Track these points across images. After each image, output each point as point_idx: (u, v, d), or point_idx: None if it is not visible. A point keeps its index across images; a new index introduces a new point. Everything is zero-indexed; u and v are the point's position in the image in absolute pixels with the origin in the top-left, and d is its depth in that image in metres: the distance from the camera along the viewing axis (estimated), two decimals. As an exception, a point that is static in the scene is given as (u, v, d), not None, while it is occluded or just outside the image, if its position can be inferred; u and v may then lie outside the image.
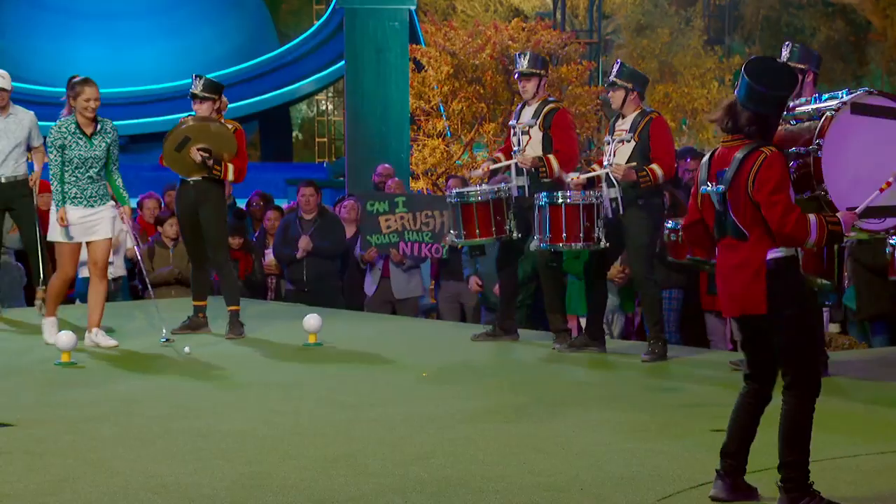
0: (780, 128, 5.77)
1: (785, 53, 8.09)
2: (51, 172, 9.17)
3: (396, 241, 11.36)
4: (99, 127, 9.03)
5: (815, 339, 5.20)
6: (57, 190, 9.08)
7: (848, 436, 6.28)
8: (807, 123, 5.98)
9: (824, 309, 9.35)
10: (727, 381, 7.71)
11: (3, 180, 10.13)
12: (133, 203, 11.33)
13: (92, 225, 9.05)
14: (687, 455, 5.95)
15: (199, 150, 9.27)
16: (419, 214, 11.34)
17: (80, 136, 8.95)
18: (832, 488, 5.18)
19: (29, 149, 10.31)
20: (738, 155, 5.06)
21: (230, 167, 9.40)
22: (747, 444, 5.21)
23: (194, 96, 9.45)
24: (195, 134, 9.32)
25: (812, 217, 5.05)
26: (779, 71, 5.18)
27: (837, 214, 5.22)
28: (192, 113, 9.53)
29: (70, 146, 8.94)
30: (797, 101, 6.41)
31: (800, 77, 7.85)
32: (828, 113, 5.92)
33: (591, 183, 8.96)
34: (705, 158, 5.28)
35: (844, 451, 5.91)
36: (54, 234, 9.07)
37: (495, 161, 9.47)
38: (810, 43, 25.31)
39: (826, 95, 6.21)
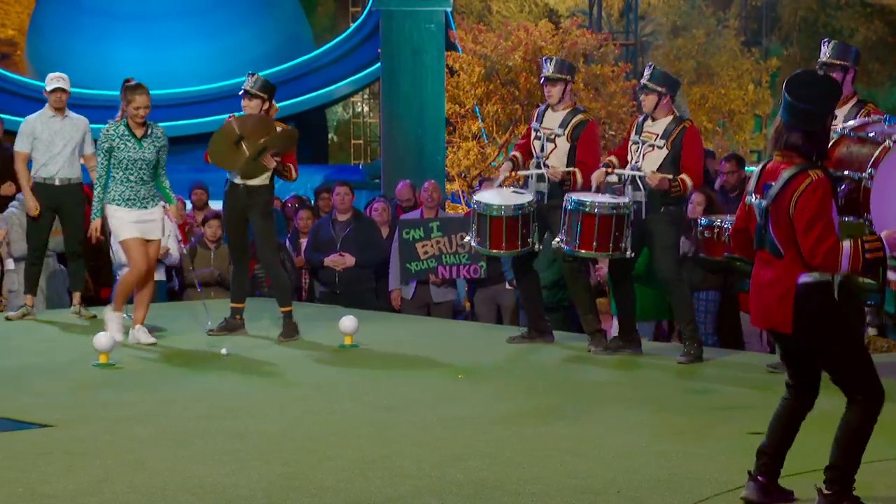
0: (844, 146, 5.72)
1: (825, 50, 8.01)
2: (95, 177, 9.23)
3: (435, 265, 11.46)
4: (149, 131, 9.13)
5: (860, 351, 5.13)
6: (98, 198, 9.17)
7: (887, 439, 6.23)
8: (867, 149, 5.89)
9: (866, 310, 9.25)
10: (764, 384, 7.69)
11: (56, 182, 10.20)
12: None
13: (152, 225, 9.19)
14: (723, 458, 5.93)
15: (272, 156, 9.30)
16: (454, 237, 11.41)
17: (130, 137, 9.05)
18: (870, 491, 5.16)
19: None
20: (786, 174, 5.01)
21: (292, 167, 9.46)
22: (785, 447, 5.19)
23: (246, 92, 9.45)
24: (271, 143, 9.34)
25: (846, 246, 4.96)
26: (820, 84, 5.11)
27: (883, 234, 5.10)
28: (240, 112, 9.55)
29: (119, 148, 9.04)
30: (871, 119, 6.31)
31: (841, 76, 7.78)
32: (887, 143, 5.83)
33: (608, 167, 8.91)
34: (758, 168, 5.24)
35: (883, 455, 5.87)
36: (121, 233, 9.14)
37: (513, 161, 9.37)
38: (849, 42, 25.11)
39: None
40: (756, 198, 5.16)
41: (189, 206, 13.47)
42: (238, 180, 9.47)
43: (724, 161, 11.04)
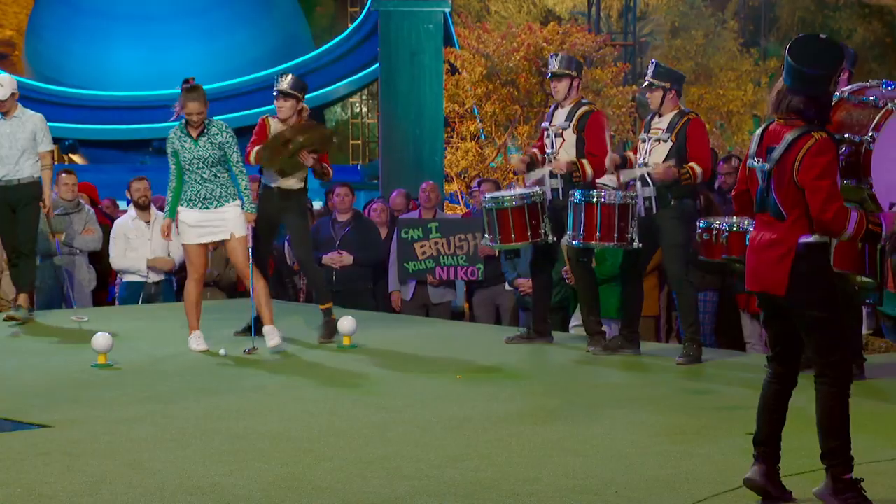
0: (844, 110, 5.73)
1: None
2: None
3: (433, 266, 11.48)
4: (205, 129, 8.95)
5: (841, 326, 5.17)
6: (168, 200, 9.10)
7: (886, 438, 6.25)
8: (868, 111, 5.89)
9: (864, 309, 9.23)
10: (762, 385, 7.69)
11: (9, 182, 10.12)
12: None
13: (211, 227, 8.99)
14: (722, 458, 5.93)
15: (310, 153, 9.27)
16: (453, 238, 11.42)
17: (186, 138, 8.95)
18: (870, 491, 5.15)
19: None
20: (789, 136, 5.04)
21: (326, 166, 9.46)
22: (778, 429, 5.22)
23: (280, 93, 9.39)
24: (309, 140, 9.29)
25: (854, 211, 5.03)
26: (823, 48, 5.12)
27: (880, 215, 5.18)
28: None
29: (179, 150, 8.95)
30: (869, 83, 6.31)
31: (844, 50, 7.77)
32: (889, 105, 5.83)
33: (626, 161, 8.93)
34: (758, 131, 5.26)
35: (882, 455, 5.87)
36: (182, 236, 9.09)
37: (532, 157, 9.43)
38: (846, 44, 25.13)
39: None
40: (758, 161, 5.17)
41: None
42: (273, 184, 9.43)
43: (721, 162, 11.04)
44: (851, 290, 7.33)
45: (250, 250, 9.02)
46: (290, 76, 9.50)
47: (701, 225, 8.45)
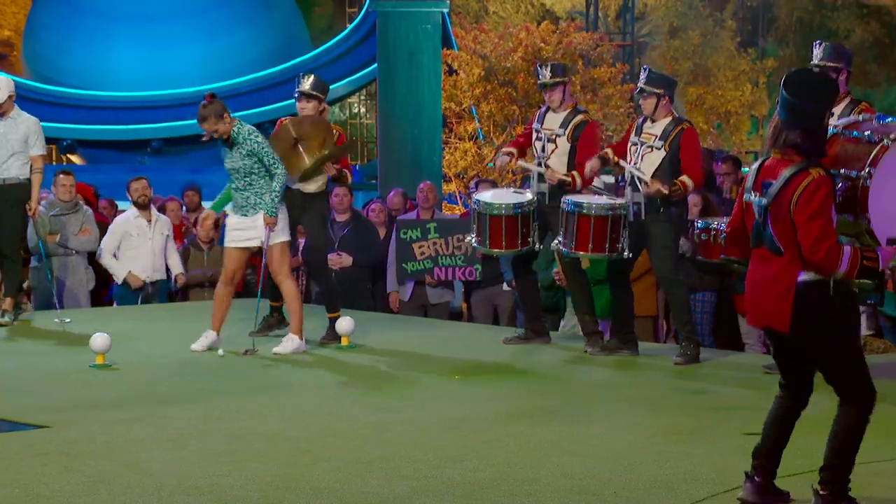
0: (838, 145, 5.72)
1: (817, 52, 7.98)
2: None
3: (431, 266, 11.48)
4: (234, 140, 8.91)
5: (854, 353, 5.13)
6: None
7: (885, 439, 6.23)
8: (863, 146, 5.88)
9: (863, 309, 9.23)
10: (760, 385, 7.69)
11: None
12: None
13: (247, 233, 9.00)
14: (720, 458, 5.93)
15: (333, 164, 9.31)
16: (451, 239, 11.43)
17: (224, 147, 8.97)
18: (868, 492, 5.16)
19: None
20: (786, 173, 5.00)
21: (347, 172, 9.49)
22: (780, 447, 5.20)
23: (301, 94, 9.36)
24: (334, 152, 9.31)
25: (847, 248, 4.98)
26: (818, 82, 5.12)
27: (877, 249, 5.14)
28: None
29: (223, 158, 9.01)
30: (862, 117, 6.31)
31: (834, 77, 7.78)
32: (885, 141, 5.82)
33: (605, 161, 8.92)
34: (755, 165, 5.22)
35: (881, 455, 5.87)
36: (225, 239, 9.26)
37: (510, 155, 9.38)
38: (844, 44, 25.15)
39: (893, 118, 6.08)
40: (755, 196, 5.14)
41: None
42: (293, 185, 9.40)
43: (720, 162, 11.04)
44: (851, 290, 7.32)
45: (263, 253, 9.03)
46: (311, 77, 9.48)
47: (699, 225, 8.43)
